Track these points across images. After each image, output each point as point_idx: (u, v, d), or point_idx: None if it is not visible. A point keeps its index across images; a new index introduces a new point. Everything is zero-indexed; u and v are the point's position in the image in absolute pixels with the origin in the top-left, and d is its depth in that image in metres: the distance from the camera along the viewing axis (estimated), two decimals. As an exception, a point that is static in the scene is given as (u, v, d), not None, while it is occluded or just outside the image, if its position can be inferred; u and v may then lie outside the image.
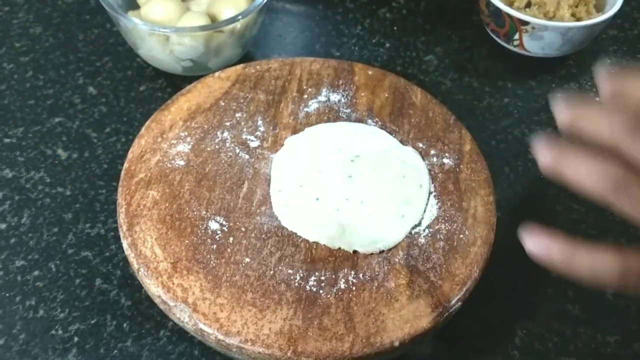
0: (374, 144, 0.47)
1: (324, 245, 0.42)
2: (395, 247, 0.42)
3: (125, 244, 0.41)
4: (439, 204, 0.44)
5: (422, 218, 0.43)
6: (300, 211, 0.43)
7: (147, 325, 0.45)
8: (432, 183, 0.45)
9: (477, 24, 0.68)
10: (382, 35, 0.68)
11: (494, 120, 0.60)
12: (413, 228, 0.43)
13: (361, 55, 0.65)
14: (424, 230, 0.43)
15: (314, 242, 0.42)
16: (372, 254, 0.41)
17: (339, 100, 0.50)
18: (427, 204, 0.44)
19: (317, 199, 0.43)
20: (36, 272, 0.47)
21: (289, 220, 0.42)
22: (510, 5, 0.63)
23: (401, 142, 0.48)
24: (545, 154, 0.30)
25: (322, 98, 0.50)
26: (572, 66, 0.66)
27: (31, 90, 0.59)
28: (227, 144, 0.47)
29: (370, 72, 0.53)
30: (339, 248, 0.41)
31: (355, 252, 0.41)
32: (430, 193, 0.45)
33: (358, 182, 0.44)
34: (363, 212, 0.43)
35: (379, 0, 0.71)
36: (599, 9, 0.64)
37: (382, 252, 0.41)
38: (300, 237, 0.42)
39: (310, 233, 0.42)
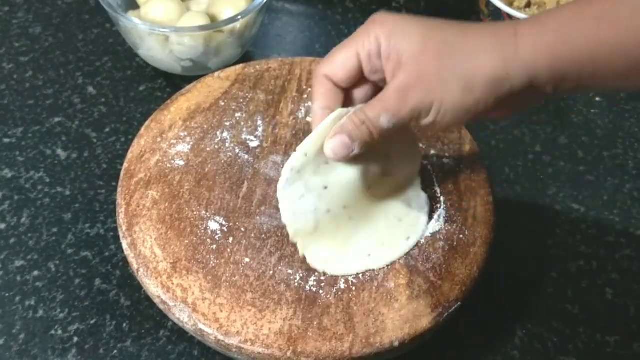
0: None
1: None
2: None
3: (124, 244, 0.41)
4: (438, 204, 0.44)
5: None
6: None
7: (146, 326, 0.45)
8: (436, 185, 0.45)
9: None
10: (382, 35, 0.67)
11: (494, 120, 0.60)
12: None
13: (361, 55, 0.65)
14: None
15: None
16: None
17: (339, 100, 0.50)
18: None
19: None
20: (36, 272, 0.47)
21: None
22: (510, 5, 0.63)
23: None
24: None
25: (321, 98, 0.50)
26: (572, 66, 0.65)
27: (31, 90, 0.59)
28: (227, 144, 0.47)
29: (370, 72, 0.52)
30: None
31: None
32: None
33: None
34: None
35: (379, 0, 0.71)
36: (599, 8, 0.64)
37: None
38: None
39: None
